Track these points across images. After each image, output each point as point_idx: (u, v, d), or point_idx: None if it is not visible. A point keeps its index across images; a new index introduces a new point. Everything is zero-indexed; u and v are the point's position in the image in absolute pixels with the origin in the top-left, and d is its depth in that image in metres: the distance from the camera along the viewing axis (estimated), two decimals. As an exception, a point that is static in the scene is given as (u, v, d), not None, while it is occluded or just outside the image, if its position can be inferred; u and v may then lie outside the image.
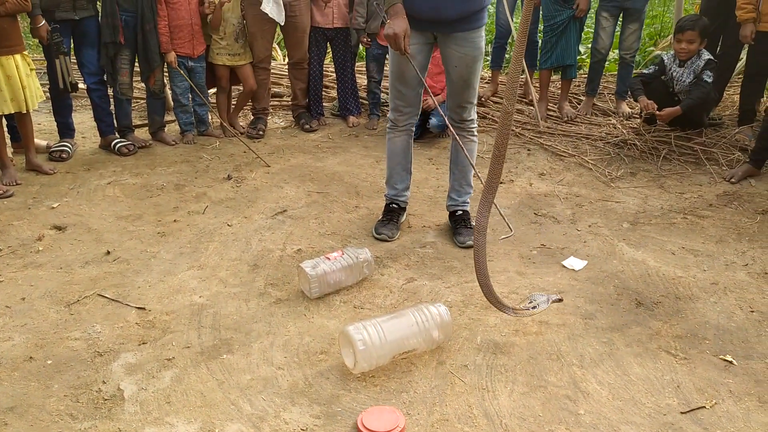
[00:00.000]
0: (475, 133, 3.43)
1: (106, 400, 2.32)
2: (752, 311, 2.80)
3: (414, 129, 3.47)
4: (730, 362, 2.49)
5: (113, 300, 2.93)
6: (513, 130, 5.16)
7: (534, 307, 2.64)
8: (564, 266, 3.20)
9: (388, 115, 3.46)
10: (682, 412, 2.25)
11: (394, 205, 3.58)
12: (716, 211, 3.74)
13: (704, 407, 2.27)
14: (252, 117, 5.39)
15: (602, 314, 2.81)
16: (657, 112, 4.50)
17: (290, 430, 2.19)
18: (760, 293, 2.92)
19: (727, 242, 3.39)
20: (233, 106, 5.35)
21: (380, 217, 3.58)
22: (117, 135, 4.81)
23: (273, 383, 2.41)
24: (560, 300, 2.68)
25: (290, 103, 5.63)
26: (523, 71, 5.86)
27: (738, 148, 4.54)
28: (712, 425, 2.19)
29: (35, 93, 4.19)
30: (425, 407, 2.29)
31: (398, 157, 3.49)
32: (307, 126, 5.29)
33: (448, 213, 3.59)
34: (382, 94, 5.67)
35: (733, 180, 4.09)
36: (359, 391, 2.37)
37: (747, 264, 3.17)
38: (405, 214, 3.67)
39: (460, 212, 3.51)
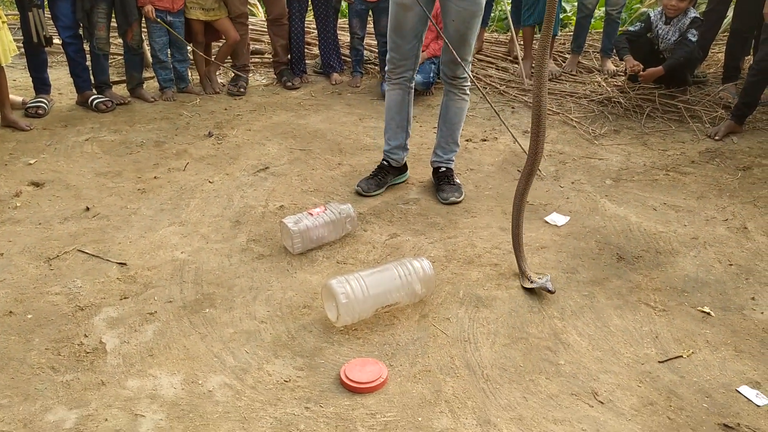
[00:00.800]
0: (467, 92, 3.38)
1: (88, 353, 2.31)
2: (731, 264, 2.83)
3: (412, 86, 3.38)
4: (708, 313, 2.53)
5: (94, 255, 2.90)
6: (497, 88, 5.12)
7: (538, 281, 2.63)
8: (547, 222, 3.21)
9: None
10: (659, 362, 2.29)
11: (384, 162, 3.52)
12: (698, 167, 3.76)
13: (681, 356, 2.31)
14: (232, 74, 5.30)
15: (584, 268, 2.83)
16: (641, 74, 4.48)
17: (273, 382, 2.20)
18: (739, 247, 2.96)
19: (708, 198, 3.41)
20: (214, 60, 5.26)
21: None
22: (94, 91, 4.71)
23: (256, 336, 2.42)
24: (552, 292, 2.60)
25: (271, 60, 5.53)
26: (508, 29, 5.79)
27: (721, 106, 4.54)
28: (689, 373, 2.23)
29: (8, 47, 4.08)
30: (407, 359, 2.31)
31: (392, 111, 3.43)
32: (290, 83, 5.22)
33: (432, 169, 3.57)
34: (366, 51, 5.60)
35: (716, 137, 4.10)
36: (342, 343, 2.38)
37: (727, 219, 3.20)
38: (404, 177, 3.59)
39: (444, 169, 3.49)
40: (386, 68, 3.35)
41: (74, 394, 2.14)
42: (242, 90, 5.06)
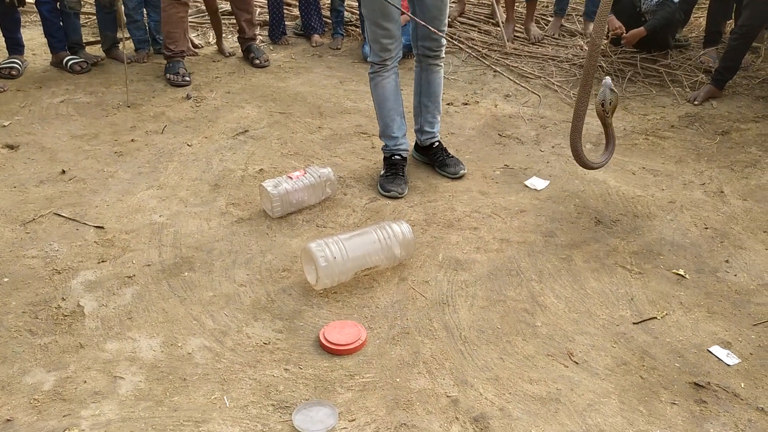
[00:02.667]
0: (443, 56, 3.29)
1: (65, 316, 2.30)
2: (706, 228, 2.87)
3: (397, 66, 3.19)
4: (683, 276, 2.57)
5: (70, 219, 2.87)
6: (479, 51, 5.09)
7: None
8: (526, 186, 3.22)
9: (369, 59, 3.15)
10: (634, 323, 2.33)
11: (396, 157, 3.23)
12: (677, 132, 3.78)
13: (655, 318, 2.35)
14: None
15: (562, 232, 2.85)
16: (623, 36, 4.46)
17: (253, 344, 2.21)
18: (715, 211, 2.99)
19: (686, 162, 3.43)
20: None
21: (382, 172, 3.23)
22: (69, 52, 4.60)
23: (235, 299, 2.42)
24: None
25: (237, 36, 5.04)
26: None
27: (702, 71, 4.55)
28: (662, 334, 2.28)
29: (-21, 6, 3.96)
30: (386, 321, 2.33)
31: (390, 101, 3.17)
32: (258, 61, 4.78)
33: (422, 147, 3.41)
34: (347, 12, 5.51)
35: (695, 102, 4.11)
36: (321, 306, 2.40)
37: (704, 183, 3.23)
38: (407, 166, 3.28)
39: (438, 143, 3.37)
40: (375, 60, 3.10)
41: (52, 356, 2.14)
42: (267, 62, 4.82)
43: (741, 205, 3.04)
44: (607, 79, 2.89)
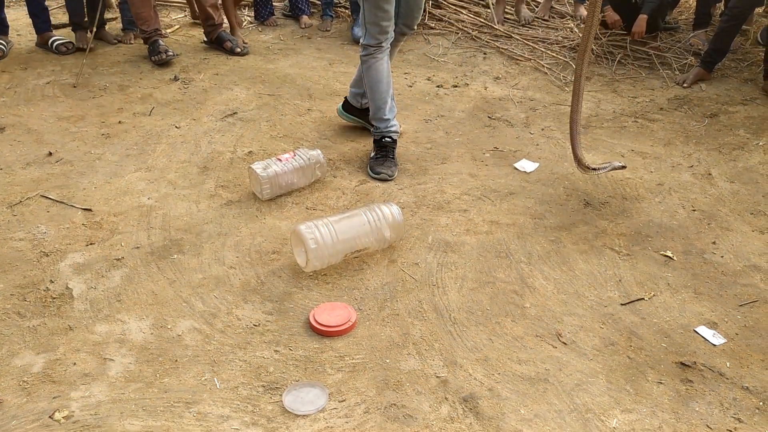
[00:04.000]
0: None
1: (54, 298, 2.29)
2: (694, 210, 2.89)
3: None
4: (670, 258, 2.59)
5: (58, 201, 2.85)
6: (469, 33, 5.06)
7: (603, 167, 2.93)
8: (516, 168, 3.22)
9: (364, 42, 3.09)
10: (622, 304, 2.35)
11: (386, 139, 3.20)
12: (666, 114, 3.79)
13: (643, 299, 2.37)
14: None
15: (551, 214, 2.86)
16: (633, 31, 4.48)
17: (243, 326, 2.21)
18: (703, 193, 3.01)
19: (674, 145, 3.45)
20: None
21: (372, 154, 3.20)
22: (54, 32, 4.54)
23: (225, 282, 2.42)
24: (623, 167, 2.97)
25: (203, 25, 4.71)
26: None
27: (691, 53, 4.55)
28: (650, 315, 2.30)
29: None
30: (376, 303, 2.33)
31: (383, 83, 3.14)
32: (238, 49, 4.57)
33: (358, 110, 3.48)
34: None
35: (684, 84, 4.12)
36: (311, 288, 2.40)
37: (692, 165, 3.24)
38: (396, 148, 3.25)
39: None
40: (371, 42, 3.06)
41: (41, 338, 2.13)
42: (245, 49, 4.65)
43: (728, 188, 3.06)
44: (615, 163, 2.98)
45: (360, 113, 3.46)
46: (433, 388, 1.99)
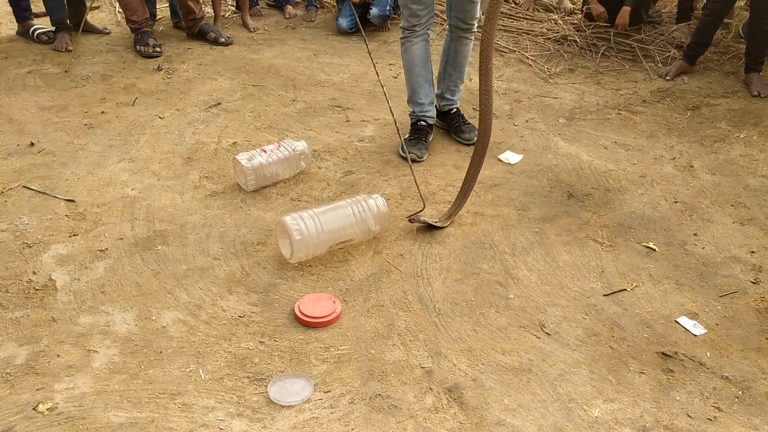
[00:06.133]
0: (475, 31, 3.27)
1: (37, 290, 2.28)
2: (676, 202, 2.92)
3: (429, 33, 3.23)
4: (652, 249, 2.62)
5: (40, 192, 2.82)
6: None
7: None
8: (500, 160, 3.24)
9: (400, 25, 3.18)
10: (604, 295, 2.37)
11: (421, 123, 3.28)
12: (649, 107, 3.82)
13: (625, 290, 2.40)
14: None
15: (535, 206, 2.88)
16: (616, 23, 4.51)
17: (228, 318, 2.21)
18: (685, 185, 3.04)
19: (657, 137, 3.48)
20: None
21: (407, 135, 3.28)
22: (35, 21, 4.47)
23: (209, 273, 2.41)
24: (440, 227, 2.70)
25: (185, 20, 4.63)
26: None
27: (674, 46, 4.58)
28: (632, 306, 2.32)
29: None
30: (361, 294, 2.34)
31: (419, 67, 3.21)
32: (222, 39, 4.55)
33: (440, 113, 3.45)
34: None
35: (667, 77, 4.15)
36: (296, 279, 2.40)
37: (674, 158, 3.27)
38: (432, 134, 3.37)
39: (455, 109, 3.42)
40: (404, 25, 3.14)
41: (24, 330, 2.12)
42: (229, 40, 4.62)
43: (710, 180, 3.09)
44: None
45: (441, 116, 3.47)
46: (418, 379, 2.01)
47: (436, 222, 2.68)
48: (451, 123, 3.44)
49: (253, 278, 2.40)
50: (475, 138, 3.32)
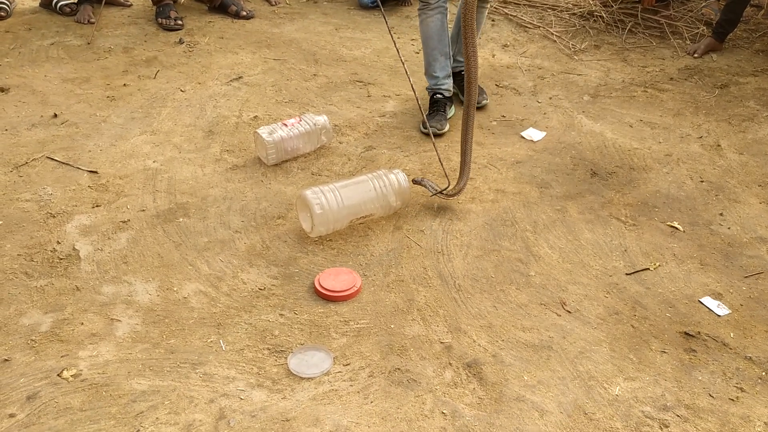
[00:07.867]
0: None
1: (61, 259, 2.30)
2: (702, 181, 2.87)
3: (446, 6, 3.18)
4: (677, 228, 2.58)
5: (63, 163, 2.84)
6: None
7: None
8: (523, 137, 3.20)
9: None
10: (627, 274, 2.35)
11: (438, 96, 3.28)
12: (676, 84, 3.75)
13: (648, 269, 2.37)
14: None
15: (557, 183, 2.85)
16: None
17: (248, 290, 2.22)
18: (711, 164, 2.99)
19: (684, 115, 3.42)
20: None
21: (426, 110, 3.28)
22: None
23: (230, 245, 2.42)
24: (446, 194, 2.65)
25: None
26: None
27: (703, 23, 4.48)
28: (654, 285, 2.30)
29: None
30: (381, 269, 2.34)
31: (433, 40, 3.18)
32: (244, 12, 4.50)
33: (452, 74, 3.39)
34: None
35: (695, 54, 4.07)
36: (316, 253, 2.40)
37: (701, 136, 3.22)
38: (453, 108, 3.36)
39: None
40: None
41: (49, 298, 2.15)
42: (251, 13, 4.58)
43: (737, 159, 3.04)
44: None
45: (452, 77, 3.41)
46: (437, 354, 2.01)
47: (438, 191, 2.62)
48: (461, 84, 3.36)
49: (273, 251, 2.40)
50: (484, 101, 3.34)
